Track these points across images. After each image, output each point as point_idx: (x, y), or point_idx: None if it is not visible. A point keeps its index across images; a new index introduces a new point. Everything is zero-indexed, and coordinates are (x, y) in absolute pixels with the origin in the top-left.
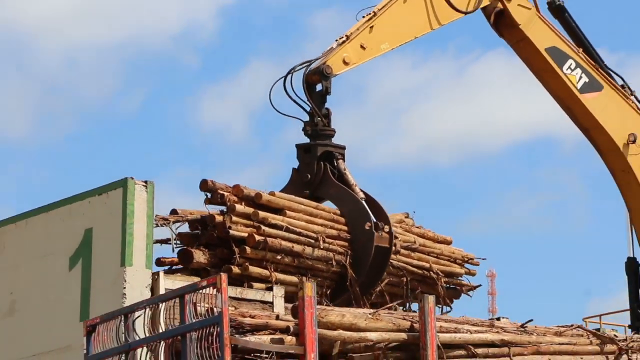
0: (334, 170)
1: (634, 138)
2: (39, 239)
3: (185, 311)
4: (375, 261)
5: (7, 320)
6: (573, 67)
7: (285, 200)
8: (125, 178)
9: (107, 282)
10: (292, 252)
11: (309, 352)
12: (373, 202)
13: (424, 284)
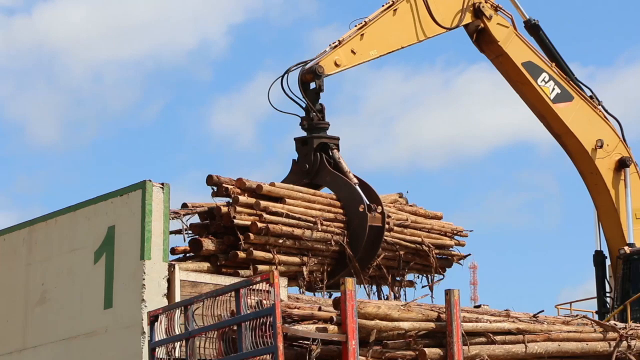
0: (330, 159)
1: (601, 143)
2: (66, 236)
3: (240, 303)
4: (370, 239)
5: (39, 308)
6: (547, 80)
7: (285, 189)
8: (144, 181)
9: (128, 274)
10: (293, 236)
11: (351, 340)
12: (366, 186)
13: (418, 256)
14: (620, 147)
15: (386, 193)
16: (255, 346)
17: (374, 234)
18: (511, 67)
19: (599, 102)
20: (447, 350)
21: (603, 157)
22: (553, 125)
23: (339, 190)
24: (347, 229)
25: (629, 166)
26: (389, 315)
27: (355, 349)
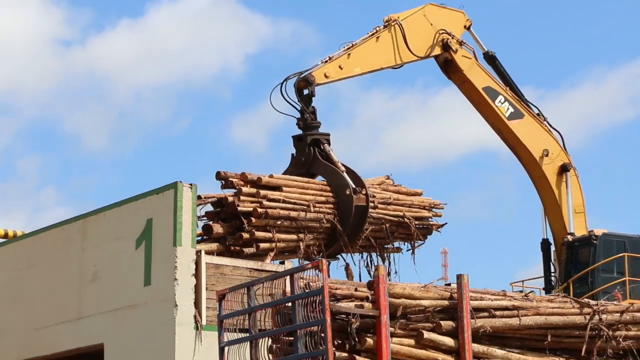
0: (322, 152)
1: (547, 152)
2: (113, 226)
3: (294, 285)
4: (357, 216)
5: (91, 285)
6: (502, 101)
7: (281, 179)
8: (176, 182)
9: (163, 258)
10: (290, 217)
11: (383, 314)
12: (353, 173)
13: (401, 227)
14: (562, 155)
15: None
16: (306, 319)
17: (360, 212)
18: (473, 91)
19: (544, 118)
20: (458, 322)
21: (548, 164)
22: (508, 138)
23: (330, 177)
24: (337, 209)
25: (569, 170)
26: (412, 295)
27: (387, 322)
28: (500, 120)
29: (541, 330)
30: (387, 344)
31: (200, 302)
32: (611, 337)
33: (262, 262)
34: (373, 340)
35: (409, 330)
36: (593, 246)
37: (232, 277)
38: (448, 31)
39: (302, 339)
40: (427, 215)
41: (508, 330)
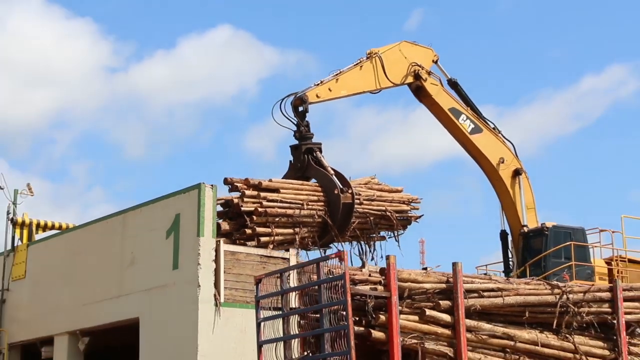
0: (314, 158)
1: (502, 160)
2: (148, 220)
3: (320, 271)
4: (344, 212)
5: (129, 269)
6: (465, 119)
7: (279, 183)
8: (199, 183)
9: (188, 246)
10: (286, 215)
11: (393, 295)
12: (341, 175)
13: (384, 219)
14: (514, 161)
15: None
16: (330, 300)
17: (347, 208)
18: (441, 112)
19: (499, 131)
20: (454, 302)
21: (504, 169)
22: (470, 149)
23: (321, 179)
24: (327, 206)
25: (521, 174)
26: (416, 279)
27: (396, 302)
28: (463, 135)
29: (520, 308)
30: (396, 320)
31: (219, 283)
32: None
33: (270, 250)
34: (385, 317)
35: (413, 309)
36: (545, 236)
37: (245, 262)
38: (419, 64)
39: (326, 316)
40: (406, 209)
41: (494, 308)
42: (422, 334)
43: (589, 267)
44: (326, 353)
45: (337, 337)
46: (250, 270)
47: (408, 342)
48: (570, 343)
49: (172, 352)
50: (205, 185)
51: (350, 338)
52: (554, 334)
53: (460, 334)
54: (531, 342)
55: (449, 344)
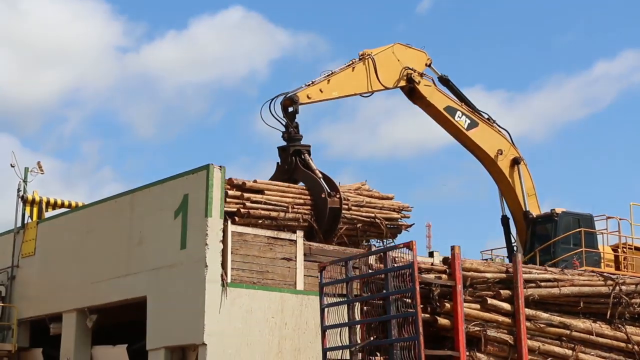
0: (302, 161)
1: (501, 152)
2: (156, 200)
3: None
4: (331, 217)
5: (138, 248)
6: (460, 116)
7: (264, 184)
8: (208, 164)
9: (196, 226)
10: (270, 217)
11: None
12: (329, 179)
13: (373, 227)
14: (512, 150)
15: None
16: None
17: (334, 213)
18: (436, 112)
19: (493, 121)
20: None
21: (502, 160)
22: (468, 145)
23: (308, 182)
24: (314, 210)
25: (519, 163)
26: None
27: (461, 290)
28: (460, 132)
29: (575, 298)
30: (461, 308)
31: (226, 264)
32: (629, 304)
33: (278, 231)
34: (450, 304)
35: (475, 297)
36: (554, 222)
37: (252, 244)
38: (412, 67)
39: (393, 303)
40: (397, 217)
41: (550, 298)
42: (484, 321)
43: (596, 254)
44: (394, 338)
45: (404, 323)
46: (257, 251)
47: (471, 329)
48: (623, 333)
49: (179, 330)
50: (213, 166)
51: (419, 324)
52: (607, 324)
53: (520, 322)
54: (586, 331)
55: (509, 332)
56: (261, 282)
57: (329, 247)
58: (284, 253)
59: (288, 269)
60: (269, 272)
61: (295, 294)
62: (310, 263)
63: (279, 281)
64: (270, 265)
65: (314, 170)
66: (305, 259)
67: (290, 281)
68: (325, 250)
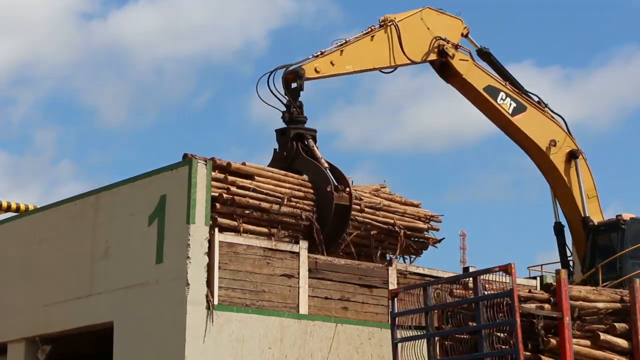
0: (305, 147)
1: (554, 143)
2: (126, 202)
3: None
4: (337, 216)
5: (103, 262)
6: (504, 98)
7: (254, 168)
8: (190, 158)
9: (176, 235)
10: (260, 208)
11: (565, 316)
12: (336, 170)
13: (390, 237)
14: (568, 141)
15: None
16: (491, 320)
17: (341, 211)
18: (474, 93)
19: (545, 105)
20: (631, 325)
21: (556, 153)
22: (513, 134)
23: (311, 172)
24: (316, 206)
25: (577, 157)
26: (587, 297)
27: (569, 323)
28: (504, 118)
29: None
30: (570, 345)
31: (212, 282)
32: None
33: (277, 241)
34: (556, 341)
35: (585, 332)
36: (621, 231)
37: (245, 256)
38: (444, 37)
39: (486, 339)
40: (422, 227)
41: None
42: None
43: None
44: None
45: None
46: (250, 266)
47: None
48: None
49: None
50: (198, 160)
51: None
52: None
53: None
54: None
55: None
56: (256, 305)
57: (340, 262)
58: (284, 268)
59: (289, 288)
60: (265, 291)
61: (297, 319)
62: (317, 281)
63: (278, 303)
64: (267, 283)
65: (318, 159)
66: (310, 276)
67: (292, 303)
68: (336, 265)
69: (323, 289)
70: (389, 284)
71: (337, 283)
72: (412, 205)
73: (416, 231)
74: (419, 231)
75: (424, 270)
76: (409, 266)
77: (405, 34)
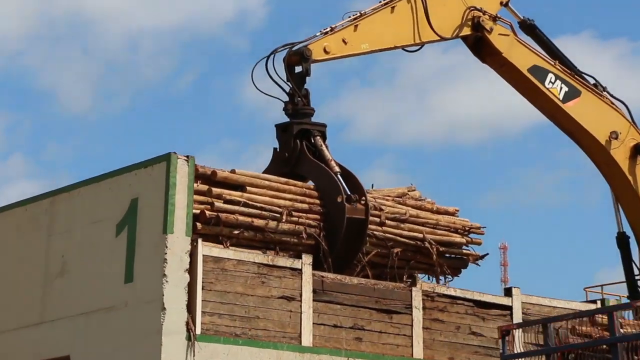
0: (312, 147)
1: (615, 135)
2: (89, 207)
3: (614, 325)
4: (351, 233)
5: (59, 281)
6: (553, 81)
7: (246, 176)
8: (169, 153)
9: (150, 248)
10: (253, 227)
11: None
12: (350, 176)
13: (420, 254)
14: (632, 132)
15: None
16: None
17: (356, 227)
18: (517, 75)
19: (603, 88)
20: None
21: (617, 147)
22: (564, 124)
23: (318, 179)
24: (324, 221)
25: None
26: None
27: None
28: (553, 105)
29: None
30: None
31: (194, 306)
32: None
33: (274, 256)
34: None
35: None
36: None
37: (235, 274)
38: (480, 8)
39: None
40: (460, 241)
41: None
42: None
43: None
44: None
45: None
46: (242, 286)
47: None
48: None
49: None
50: (177, 155)
51: None
52: None
53: None
54: None
55: None
56: (248, 334)
57: (352, 281)
58: (283, 289)
59: (289, 313)
60: (259, 318)
61: (299, 352)
62: (324, 304)
63: (275, 332)
64: (262, 307)
65: (328, 162)
66: (315, 298)
67: (292, 333)
68: (347, 285)
69: (331, 315)
70: (412, 308)
71: (349, 307)
72: (446, 213)
73: (452, 246)
74: (455, 246)
75: (456, 292)
76: (437, 286)
77: (432, 4)
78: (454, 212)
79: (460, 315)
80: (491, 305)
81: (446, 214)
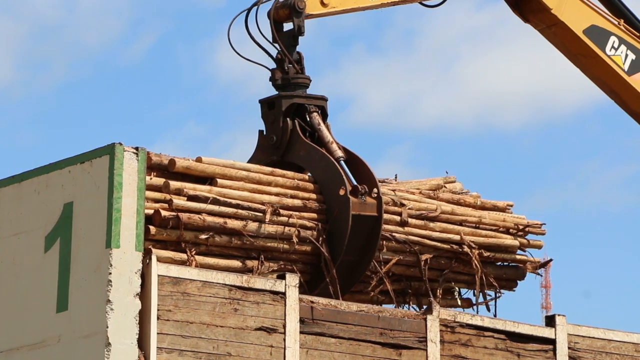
0: (308, 126)
1: None
2: (9, 215)
3: None
4: (360, 235)
5: None
6: (617, 46)
7: (216, 165)
8: (112, 144)
9: (89, 267)
10: (226, 230)
11: None
12: (358, 162)
13: (459, 262)
14: None
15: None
16: None
17: (366, 227)
18: (570, 38)
19: None
20: None
21: None
22: (630, 102)
23: (316, 168)
24: (326, 220)
25: None
26: None
27: None
28: (615, 77)
29: None
30: None
31: (148, 340)
32: None
33: (249, 275)
34: None
35: None
36: None
37: (200, 300)
38: None
39: None
40: (511, 244)
41: None
42: None
43: None
44: None
45: None
46: (208, 315)
47: None
48: None
49: None
50: (124, 147)
51: None
52: None
53: None
54: None
55: None
56: None
57: (350, 307)
58: (262, 318)
59: (270, 349)
60: (231, 355)
61: None
62: (314, 338)
63: None
64: (235, 342)
65: (328, 145)
66: (303, 330)
67: None
68: (344, 313)
69: (323, 351)
70: (427, 342)
71: (346, 341)
72: (494, 209)
73: (501, 251)
74: (507, 251)
75: (484, 321)
76: (459, 314)
77: None
78: (505, 207)
79: (489, 351)
80: (529, 338)
81: (494, 209)
